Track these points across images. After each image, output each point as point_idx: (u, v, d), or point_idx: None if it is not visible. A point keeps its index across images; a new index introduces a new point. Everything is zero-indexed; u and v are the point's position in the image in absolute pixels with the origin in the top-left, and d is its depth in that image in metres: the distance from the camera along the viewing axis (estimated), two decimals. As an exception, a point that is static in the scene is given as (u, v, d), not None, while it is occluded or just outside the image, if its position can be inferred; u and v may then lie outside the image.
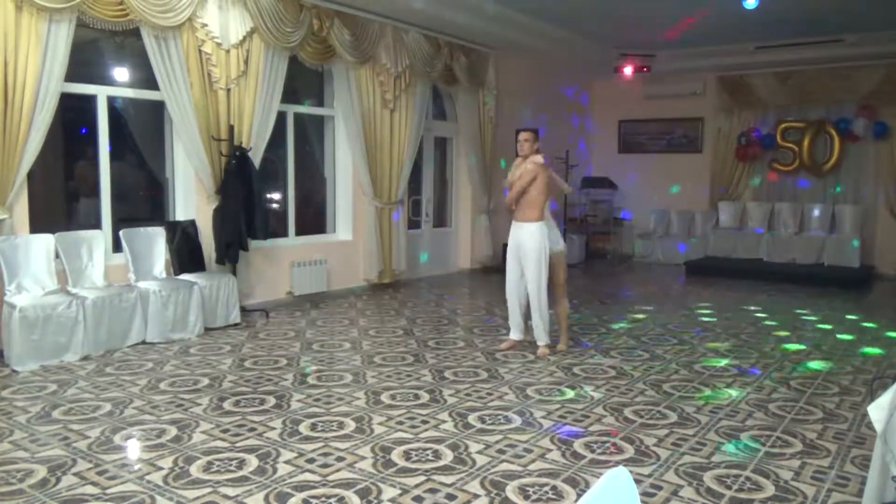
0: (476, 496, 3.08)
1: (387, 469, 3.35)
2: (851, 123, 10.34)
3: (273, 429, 3.85)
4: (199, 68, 6.29)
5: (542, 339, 5.58)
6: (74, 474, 3.24)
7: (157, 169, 6.88)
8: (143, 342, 5.69)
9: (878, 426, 2.43)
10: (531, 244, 5.41)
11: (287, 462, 3.41)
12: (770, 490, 3.18)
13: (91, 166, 6.23)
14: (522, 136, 5.59)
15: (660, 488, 3.19)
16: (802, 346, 5.97)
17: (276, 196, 7.98)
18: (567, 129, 11.90)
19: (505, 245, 5.83)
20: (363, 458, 3.48)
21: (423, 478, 3.26)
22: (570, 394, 4.56)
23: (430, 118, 9.35)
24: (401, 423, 3.99)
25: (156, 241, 6.15)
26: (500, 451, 3.59)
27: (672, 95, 11.84)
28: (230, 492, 3.08)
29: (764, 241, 10.82)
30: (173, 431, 3.79)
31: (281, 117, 7.38)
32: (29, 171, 5.33)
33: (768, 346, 6.00)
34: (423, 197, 9.61)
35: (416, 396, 4.43)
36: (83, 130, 6.44)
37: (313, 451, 3.56)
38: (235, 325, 6.38)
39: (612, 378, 4.95)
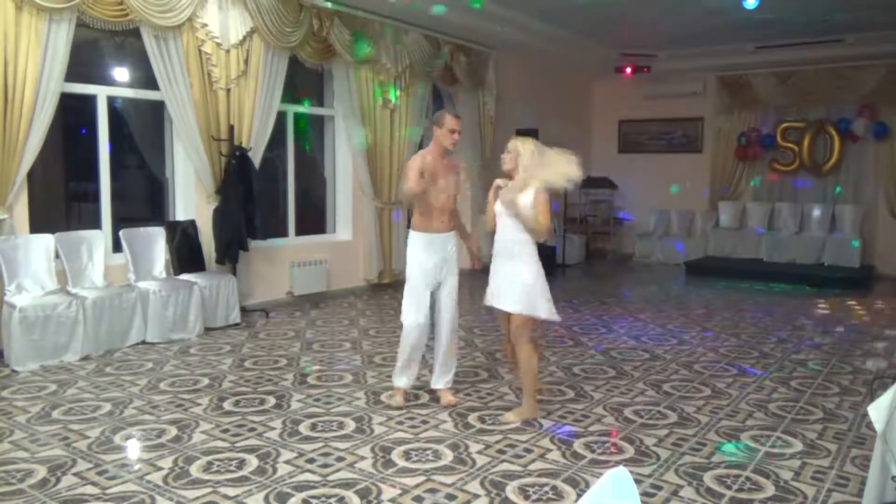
0: (476, 496, 3.08)
1: (387, 469, 3.35)
2: (851, 123, 10.34)
3: (273, 429, 3.85)
4: (199, 68, 6.29)
5: (449, 380, 4.44)
6: (74, 474, 3.24)
7: (157, 169, 6.88)
8: (143, 342, 5.68)
9: (878, 426, 2.43)
10: (455, 257, 4.32)
11: (287, 462, 3.41)
12: (770, 490, 3.18)
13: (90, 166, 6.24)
14: (457, 122, 4.21)
15: (660, 488, 3.19)
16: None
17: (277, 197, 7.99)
18: (566, 129, 11.89)
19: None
20: (363, 458, 3.48)
21: (423, 478, 3.26)
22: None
23: (430, 118, 9.35)
24: (401, 423, 3.99)
25: (156, 241, 6.15)
26: (501, 452, 3.59)
27: (672, 95, 11.83)
28: (230, 492, 3.08)
29: (764, 241, 10.82)
30: (173, 431, 3.79)
31: (281, 117, 7.39)
32: (29, 171, 5.33)
33: (768, 346, 6.01)
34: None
35: (416, 396, 4.43)
36: (82, 131, 6.44)
37: (313, 451, 3.55)
38: (235, 325, 6.38)
39: (612, 378, 4.95)
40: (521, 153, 3.88)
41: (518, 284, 3.93)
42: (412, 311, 4.20)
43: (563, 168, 3.85)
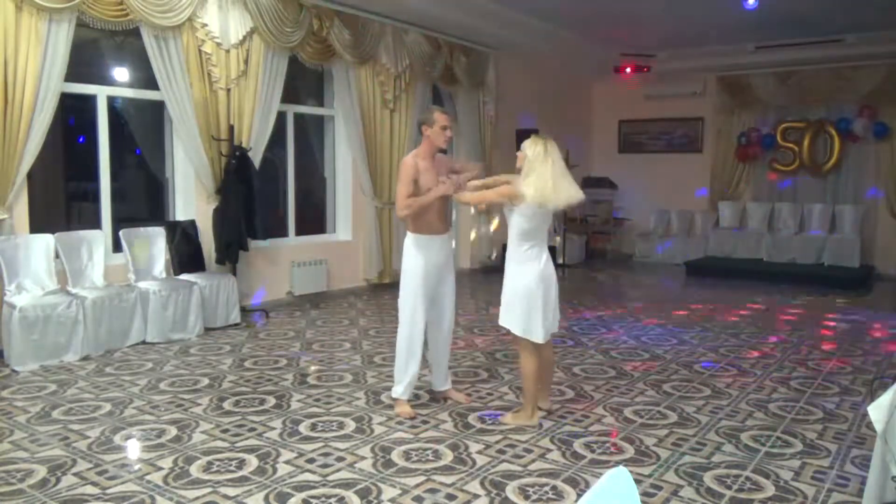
0: (476, 496, 3.08)
1: (387, 469, 3.35)
2: (851, 123, 10.34)
3: (273, 429, 3.85)
4: (199, 68, 6.29)
5: (448, 379, 4.47)
6: (74, 474, 3.24)
7: (157, 169, 6.88)
8: (143, 342, 5.68)
9: (878, 426, 2.43)
10: (452, 257, 4.34)
11: (287, 462, 3.41)
12: (770, 490, 3.18)
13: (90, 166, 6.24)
14: (447, 118, 4.13)
15: (660, 488, 3.19)
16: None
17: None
18: (566, 129, 11.90)
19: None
20: (363, 458, 3.48)
21: (423, 478, 3.26)
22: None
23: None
24: (401, 423, 3.99)
25: (156, 241, 6.15)
26: (501, 452, 3.59)
27: (672, 95, 11.83)
28: (230, 492, 3.08)
29: (764, 241, 10.82)
30: (173, 431, 3.79)
31: (281, 117, 7.39)
32: (28, 171, 5.33)
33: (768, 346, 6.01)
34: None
35: (417, 397, 4.42)
36: (81, 139, 6.43)
37: (313, 451, 3.56)
38: (235, 325, 6.38)
39: (612, 378, 4.95)
40: (527, 155, 3.81)
41: (503, 291, 3.94)
42: (419, 324, 4.10)
43: (543, 185, 3.72)
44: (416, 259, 4.08)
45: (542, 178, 3.72)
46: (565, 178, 3.79)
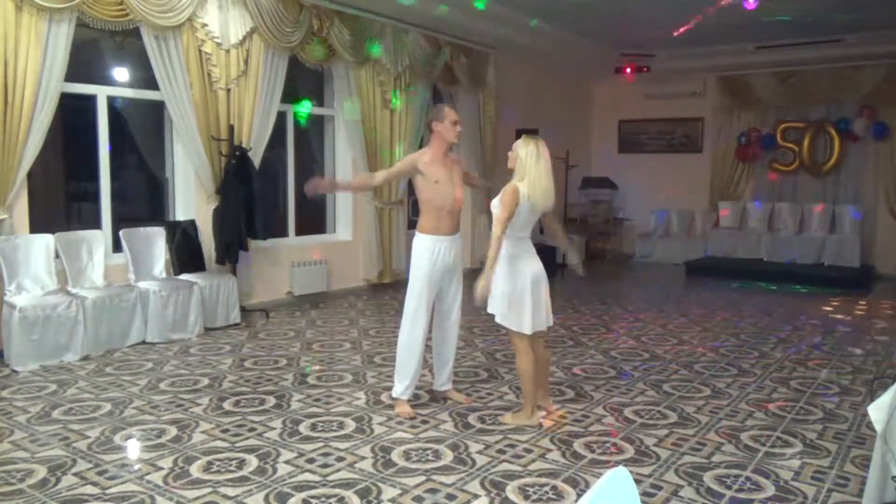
0: (476, 496, 3.08)
1: (387, 469, 3.35)
2: (851, 123, 10.34)
3: (273, 429, 3.85)
4: (199, 68, 6.29)
5: (450, 380, 4.45)
6: (74, 474, 3.24)
7: (157, 169, 6.88)
8: (143, 342, 5.68)
9: (878, 426, 2.43)
10: (461, 256, 4.31)
11: (287, 462, 3.41)
12: (770, 490, 3.18)
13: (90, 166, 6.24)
14: (456, 113, 4.20)
15: (660, 488, 3.19)
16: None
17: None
18: (566, 129, 11.90)
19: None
20: (363, 458, 3.48)
21: (423, 478, 3.26)
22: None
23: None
24: (401, 422, 3.99)
25: (156, 241, 6.15)
26: (501, 452, 3.59)
27: (672, 95, 11.82)
28: (230, 492, 3.08)
29: (764, 241, 10.81)
30: (173, 431, 3.79)
31: (281, 117, 7.39)
32: (28, 171, 5.33)
33: (768, 346, 6.01)
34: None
35: (417, 397, 4.42)
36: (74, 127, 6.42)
37: (313, 451, 3.56)
38: (235, 325, 6.38)
39: (611, 378, 4.95)
40: (520, 156, 3.84)
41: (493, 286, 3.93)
42: (421, 324, 4.09)
43: (538, 185, 3.77)
44: (423, 259, 4.06)
45: (538, 179, 3.77)
46: (551, 180, 3.85)
